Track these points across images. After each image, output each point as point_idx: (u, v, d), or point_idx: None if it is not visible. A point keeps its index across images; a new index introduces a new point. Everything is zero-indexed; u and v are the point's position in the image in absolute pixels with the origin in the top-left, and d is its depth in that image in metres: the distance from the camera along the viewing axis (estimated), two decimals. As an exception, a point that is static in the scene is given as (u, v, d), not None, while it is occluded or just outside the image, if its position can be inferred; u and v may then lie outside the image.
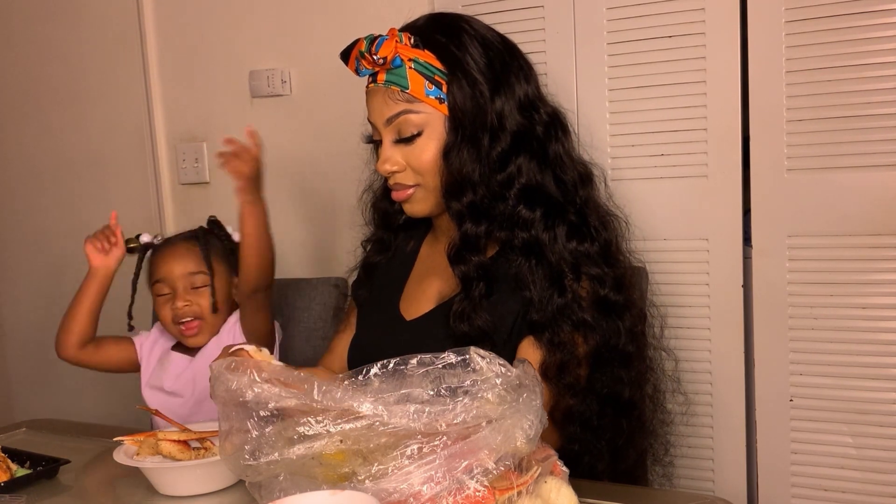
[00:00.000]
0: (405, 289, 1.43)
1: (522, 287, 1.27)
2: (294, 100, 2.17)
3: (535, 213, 1.29)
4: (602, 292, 1.29)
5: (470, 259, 1.29)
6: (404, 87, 1.27)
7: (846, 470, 1.58)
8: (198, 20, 2.27)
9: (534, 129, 1.32)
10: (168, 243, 1.71)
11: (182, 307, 1.62)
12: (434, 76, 1.27)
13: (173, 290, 1.64)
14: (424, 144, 1.29)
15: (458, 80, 1.28)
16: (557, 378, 1.25)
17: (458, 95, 1.28)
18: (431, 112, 1.28)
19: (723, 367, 1.67)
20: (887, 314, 1.53)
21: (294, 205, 2.19)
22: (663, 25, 1.64)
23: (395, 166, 1.31)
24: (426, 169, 1.30)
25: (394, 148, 1.31)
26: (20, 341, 2.74)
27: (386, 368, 0.95)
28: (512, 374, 0.93)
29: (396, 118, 1.29)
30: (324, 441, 0.91)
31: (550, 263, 1.27)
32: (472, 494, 0.88)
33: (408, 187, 1.32)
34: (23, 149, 2.61)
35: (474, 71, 1.29)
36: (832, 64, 1.52)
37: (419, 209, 1.35)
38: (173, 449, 1.22)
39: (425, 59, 1.28)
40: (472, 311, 1.26)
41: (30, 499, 1.22)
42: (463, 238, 1.30)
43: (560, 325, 1.25)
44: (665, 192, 1.67)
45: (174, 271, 1.64)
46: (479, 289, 1.27)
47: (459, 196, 1.29)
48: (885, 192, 1.51)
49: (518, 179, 1.30)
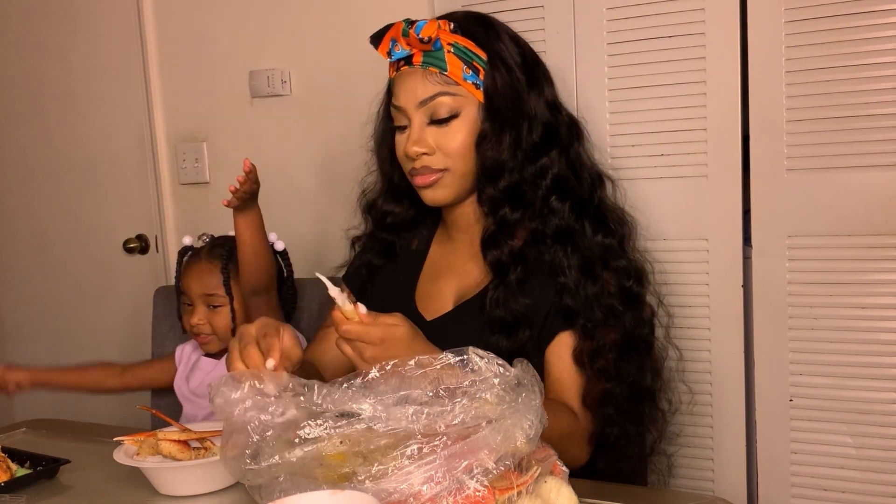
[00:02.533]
0: (418, 288, 1.43)
1: (557, 273, 1.30)
2: (294, 100, 2.17)
3: (565, 205, 1.32)
4: (627, 283, 1.33)
5: (506, 243, 1.31)
6: (443, 69, 1.28)
7: (846, 470, 1.58)
8: (198, 20, 2.27)
9: (559, 128, 1.36)
10: (195, 256, 1.71)
11: (196, 323, 1.65)
12: (472, 62, 1.29)
13: (193, 304, 1.67)
14: (458, 128, 1.30)
15: (497, 68, 1.30)
16: (591, 363, 1.28)
17: (497, 82, 1.30)
18: (467, 96, 1.30)
19: (723, 367, 1.67)
20: (887, 314, 1.53)
21: (293, 205, 2.19)
22: (663, 25, 1.64)
23: (424, 148, 1.30)
24: (458, 153, 1.30)
25: (425, 130, 1.30)
26: (20, 341, 2.74)
27: (385, 370, 0.95)
28: (510, 374, 0.93)
29: (432, 100, 1.29)
30: (324, 442, 0.91)
31: (581, 252, 1.30)
32: (472, 494, 0.88)
33: (435, 171, 1.32)
34: (22, 149, 2.62)
35: (513, 62, 1.32)
36: (832, 64, 1.52)
37: (442, 195, 1.34)
38: (173, 449, 1.22)
39: (465, 44, 1.29)
40: (510, 295, 1.28)
41: (30, 499, 1.22)
42: (500, 223, 1.32)
43: (593, 312, 1.28)
44: (665, 192, 1.67)
45: (193, 288, 1.67)
46: (517, 273, 1.29)
47: (496, 181, 1.31)
48: (885, 192, 1.51)
49: (551, 170, 1.33)
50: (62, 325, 2.62)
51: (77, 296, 2.58)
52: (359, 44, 2.06)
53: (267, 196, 2.23)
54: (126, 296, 2.49)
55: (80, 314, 2.59)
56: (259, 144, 2.24)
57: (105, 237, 2.49)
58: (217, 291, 1.64)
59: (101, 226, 2.51)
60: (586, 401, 1.29)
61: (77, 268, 2.58)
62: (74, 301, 2.59)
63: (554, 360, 1.30)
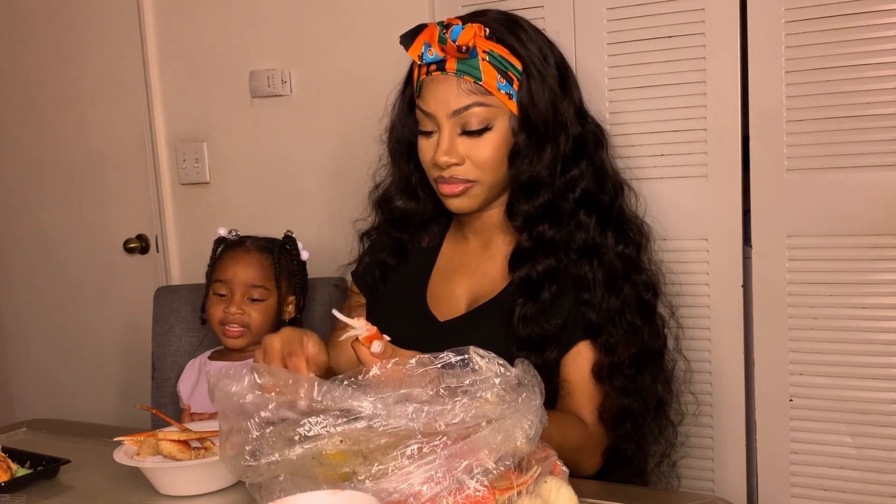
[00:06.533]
0: (430, 288, 1.41)
1: (582, 288, 1.28)
2: (294, 100, 2.17)
3: (592, 219, 1.31)
4: (645, 296, 1.32)
5: (540, 261, 1.28)
6: (478, 79, 1.24)
7: (846, 470, 1.58)
8: (198, 20, 2.27)
9: (587, 137, 1.34)
10: (242, 246, 1.69)
11: (234, 313, 1.63)
12: (507, 71, 1.25)
13: (231, 293, 1.64)
14: (490, 139, 1.27)
15: (533, 79, 1.27)
16: (610, 379, 1.27)
17: (534, 93, 1.27)
18: (500, 107, 1.26)
19: (723, 367, 1.67)
20: (887, 314, 1.53)
21: (293, 205, 2.19)
22: (663, 25, 1.64)
23: (455, 158, 1.27)
24: (488, 165, 1.28)
25: (456, 140, 1.27)
26: (20, 341, 2.74)
27: (385, 369, 0.95)
28: (511, 374, 0.93)
29: (466, 110, 1.25)
30: (324, 441, 0.91)
31: (606, 267, 1.29)
32: (472, 494, 0.88)
33: (464, 182, 1.29)
34: (23, 149, 2.62)
35: (546, 73, 1.29)
36: (832, 64, 1.52)
37: (468, 204, 1.32)
38: (173, 449, 1.22)
39: (500, 52, 1.26)
40: (541, 314, 1.25)
41: (30, 499, 1.22)
42: (536, 240, 1.29)
43: (615, 327, 1.27)
44: (665, 192, 1.67)
45: (238, 276, 1.64)
46: (551, 292, 1.27)
47: (533, 198, 1.29)
48: (885, 192, 1.51)
49: (580, 183, 1.31)
50: (62, 325, 2.62)
51: (77, 296, 2.58)
52: (359, 44, 2.07)
53: (267, 196, 2.25)
54: (126, 296, 2.49)
55: (80, 314, 2.58)
56: (259, 144, 2.24)
57: (105, 237, 2.49)
58: (264, 284, 1.63)
59: (102, 226, 2.51)
60: (602, 415, 1.28)
61: (77, 268, 2.58)
62: (74, 301, 2.59)
63: (571, 371, 1.28)
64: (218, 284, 1.66)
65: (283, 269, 1.68)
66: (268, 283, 1.64)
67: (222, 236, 1.72)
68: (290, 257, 1.71)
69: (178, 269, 2.42)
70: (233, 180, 2.31)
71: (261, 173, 2.26)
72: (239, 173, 2.29)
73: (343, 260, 1.59)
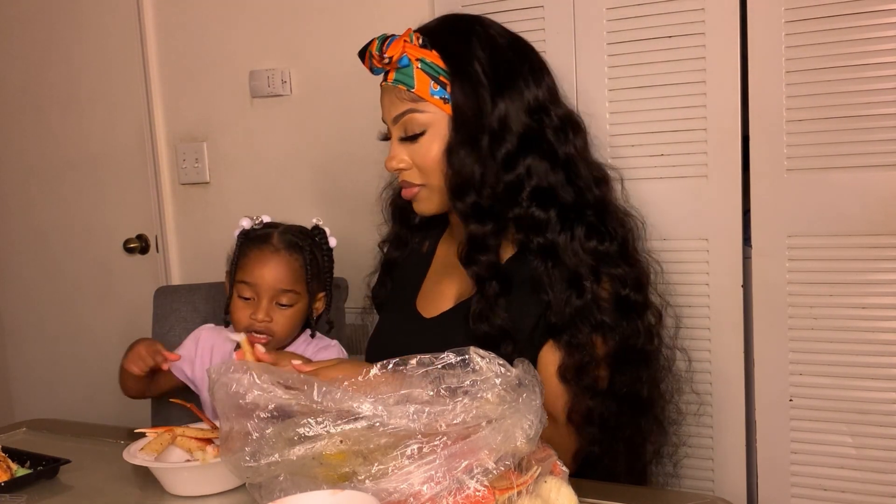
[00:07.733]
0: (422, 287, 1.44)
1: (540, 290, 1.28)
2: (294, 100, 2.17)
3: (550, 214, 1.29)
4: (623, 292, 1.30)
5: (479, 259, 1.29)
6: (410, 87, 1.28)
7: (846, 470, 1.58)
8: (198, 20, 2.27)
9: (543, 132, 1.32)
10: (269, 243, 1.51)
11: (261, 320, 1.48)
12: (439, 76, 1.28)
13: (257, 297, 1.49)
14: (429, 143, 1.30)
15: (460, 81, 1.29)
16: (576, 380, 1.26)
17: (459, 96, 1.28)
18: (436, 112, 1.29)
19: (723, 367, 1.67)
20: (887, 314, 1.53)
21: (293, 205, 2.19)
22: (663, 25, 1.64)
23: (401, 164, 1.32)
24: (430, 168, 1.31)
25: (401, 146, 1.32)
26: (20, 341, 2.74)
27: (386, 369, 0.95)
28: (511, 374, 0.93)
29: (402, 116, 1.30)
30: (324, 441, 0.91)
31: (567, 266, 1.28)
32: (472, 494, 0.88)
33: (414, 185, 1.33)
34: (23, 149, 2.62)
35: (478, 72, 1.29)
36: (832, 64, 1.52)
37: (425, 208, 1.36)
38: (191, 445, 1.21)
39: (431, 59, 1.29)
40: (490, 310, 1.27)
41: (30, 499, 1.22)
42: (469, 238, 1.31)
43: (578, 328, 1.26)
44: (665, 192, 1.67)
45: (266, 279, 1.48)
46: (493, 288, 1.28)
47: (463, 196, 1.30)
48: (885, 192, 1.51)
49: (528, 181, 1.30)
50: (62, 325, 2.62)
51: (77, 296, 2.58)
52: (359, 44, 2.07)
53: (267, 196, 2.25)
54: (126, 296, 2.49)
55: (80, 314, 2.59)
56: (259, 144, 2.24)
57: (105, 237, 2.50)
58: (295, 288, 1.49)
59: (101, 226, 2.51)
60: (572, 417, 1.27)
61: (77, 268, 2.58)
62: (74, 301, 2.59)
63: (541, 371, 1.28)
64: (243, 286, 1.50)
65: (314, 268, 1.53)
66: (297, 287, 1.50)
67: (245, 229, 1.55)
68: (322, 252, 1.56)
69: (178, 269, 2.42)
70: (233, 180, 2.31)
71: (261, 173, 2.26)
72: (239, 173, 2.29)
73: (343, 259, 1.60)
